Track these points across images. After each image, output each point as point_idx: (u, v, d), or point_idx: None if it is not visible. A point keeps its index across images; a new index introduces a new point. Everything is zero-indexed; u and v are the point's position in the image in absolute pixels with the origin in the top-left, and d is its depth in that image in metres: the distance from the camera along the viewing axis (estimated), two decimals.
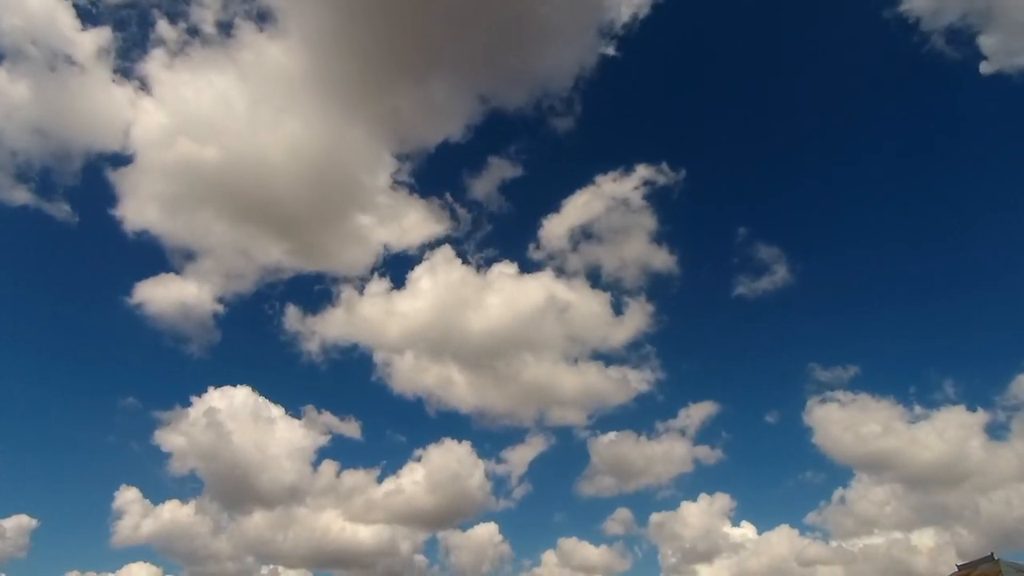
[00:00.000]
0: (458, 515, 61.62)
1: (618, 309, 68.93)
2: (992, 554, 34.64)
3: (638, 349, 68.83)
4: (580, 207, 70.84)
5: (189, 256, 66.11)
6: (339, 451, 62.11)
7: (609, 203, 69.99)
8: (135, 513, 55.41)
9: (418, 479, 58.80)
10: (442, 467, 59.54)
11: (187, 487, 60.60)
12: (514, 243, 75.75)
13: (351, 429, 63.33)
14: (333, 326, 68.23)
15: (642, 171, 70.36)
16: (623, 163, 73.28)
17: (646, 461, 64.58)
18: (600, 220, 70.01)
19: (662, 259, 70.26)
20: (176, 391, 76.12)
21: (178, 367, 67.07)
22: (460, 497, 60.03)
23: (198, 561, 54.66)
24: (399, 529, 58.44)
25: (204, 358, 65.96)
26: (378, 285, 67.36)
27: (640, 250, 70.79)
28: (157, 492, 68.20)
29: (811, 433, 62.12)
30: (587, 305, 68.52)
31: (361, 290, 67.96)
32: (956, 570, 37.07)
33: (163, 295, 65.07)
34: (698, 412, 65.98)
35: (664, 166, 70.92)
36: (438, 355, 66.10)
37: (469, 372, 66.31)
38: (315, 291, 70.49)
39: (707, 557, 57.37)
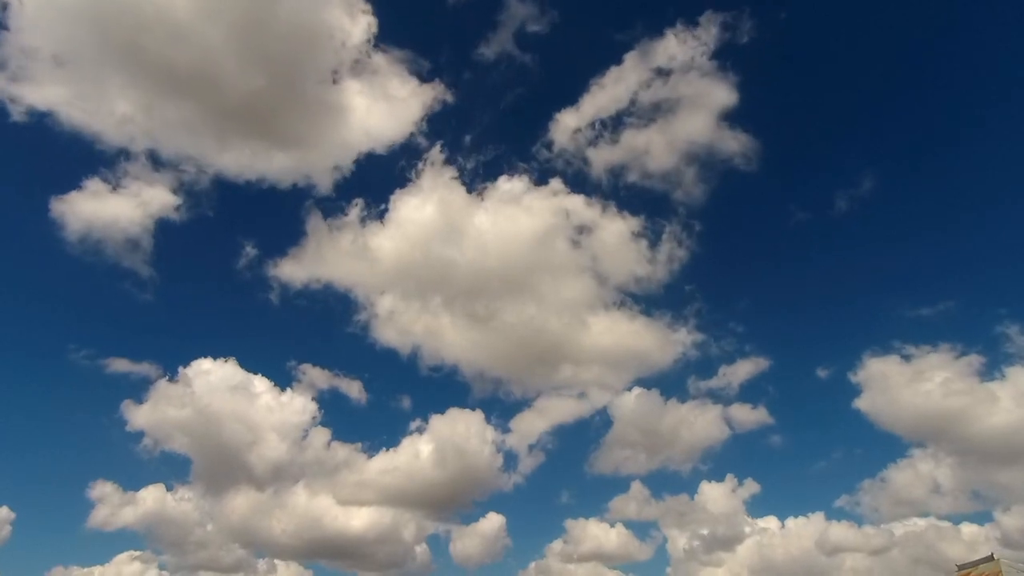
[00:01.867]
0: (463, 494, 55.67)
1: (655, 236, 57.02)
2: (992, 554, 34.34)
3: (677, 291, 57.47)
4: (615, 84, 57.17)
5: (106, 152, 53.38)
6: (330, 420, 55.29)
7: (665, 69, 56.26)
8: (112, 501, 52.39)
9: (419, 452, 53.14)
10: (447, 439, 53.36)
11: (164, 470, 58.03)
12: (524, 141, 63.89)
13: (351, 389, 56.75)
14: (299, 264, 57.10)
15: (712, 20, 56.79)
16: (685, 14, 57.65)
17: (674, 432, 55.93)
18: (645, 97, 56.48)
19: (736, 144, 56.33)
20: (134, 347, 61.92)
21: (127, 314, 59.00)
22: (466, 474, 53.37)
23: (188, 548, 51.72)
24: (401, 514, 53.50)
25: (149, 300, 57.49)
26: (352, 209, 56.59)
27: (703, 131, 56.23)
28: (133, 477, 62.67)
29: (862, 395, 54.27)
30: (614, 229, 56.38)
31: (330, 214, 56.67)
32: (957, 570, 36.66)
33: (90, 212, 53.19)
34: (744, 368, 56.83)
35: (746, 14, 56.28)
36: (426, 300, 55.61)
37: (463, 322, 56.04)
38: (274, 213, 60.18)
39: (730, 543, 52.72)
